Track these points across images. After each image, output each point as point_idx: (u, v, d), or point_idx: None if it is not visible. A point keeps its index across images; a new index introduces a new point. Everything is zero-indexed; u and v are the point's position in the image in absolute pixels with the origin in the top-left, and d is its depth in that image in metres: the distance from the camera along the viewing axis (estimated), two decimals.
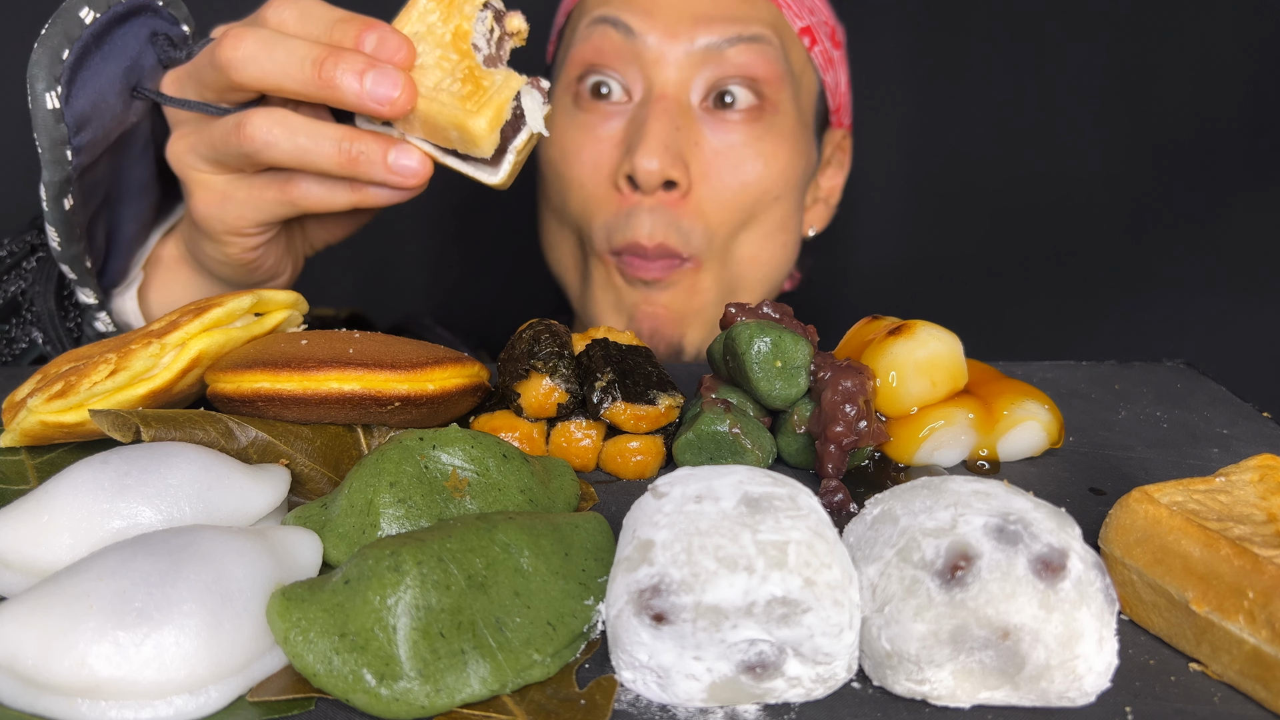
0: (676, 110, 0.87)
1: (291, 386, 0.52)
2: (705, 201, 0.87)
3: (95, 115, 0.63)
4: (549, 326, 0.61)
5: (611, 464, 0.58)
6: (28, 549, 0.45)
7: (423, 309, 1.31)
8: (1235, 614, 0.42)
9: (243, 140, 0.60)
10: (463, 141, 0.60)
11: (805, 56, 0.94)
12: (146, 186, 0.71)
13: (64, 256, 0.66)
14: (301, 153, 0.60)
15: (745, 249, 0.91)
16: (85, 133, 0.62)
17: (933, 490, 0.44)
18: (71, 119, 0.61)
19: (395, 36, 0.59)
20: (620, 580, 0.41)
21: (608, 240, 0.89)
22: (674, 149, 0.85)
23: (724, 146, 0.88)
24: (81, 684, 0.38)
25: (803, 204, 0.96)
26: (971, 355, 0.61)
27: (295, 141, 0.60)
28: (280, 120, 0.60)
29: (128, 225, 0.71)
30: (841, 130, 1.02)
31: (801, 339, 0.57)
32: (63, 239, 0.65)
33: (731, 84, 0.88)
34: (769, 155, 0.89)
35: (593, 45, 0.89)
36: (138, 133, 0.68)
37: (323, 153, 0.60)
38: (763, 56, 0.88)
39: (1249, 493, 0.48)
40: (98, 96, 0.63)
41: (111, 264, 0.72)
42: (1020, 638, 0.39)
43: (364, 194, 0.63)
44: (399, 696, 0.39)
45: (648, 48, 0.87)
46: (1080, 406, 0.68)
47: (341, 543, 0.48)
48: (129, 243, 0.72)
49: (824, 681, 0.41)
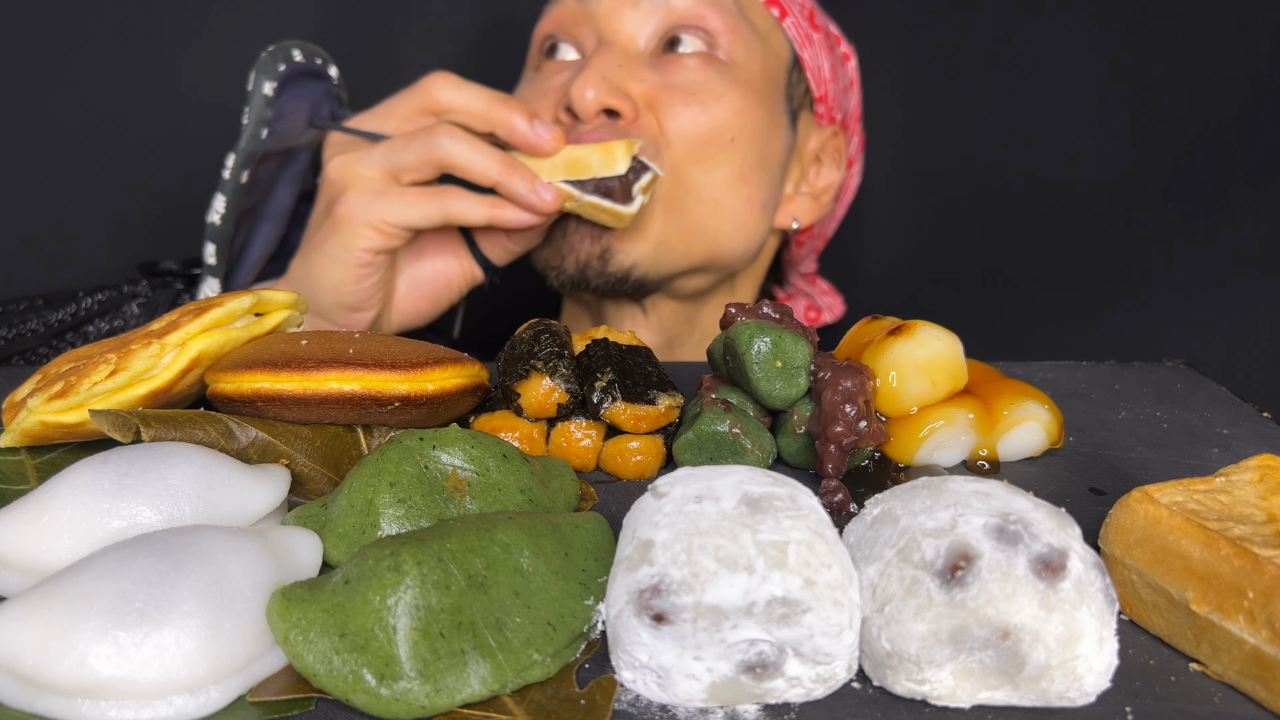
0: (621, 53, 0.86)
1: (291, 386, 0.52)
2: (653, 127, 0.86)
3: (288, 118, 0.80)
4: (549, 326, 0.61)
5: (611, 464, 0.58)
6: (28, 549, 0.45)
7: None
8: (1235, 614, 0.42)
9: (429, 139, 0.73)
10: (603, 163, 0.76)
11: (773, 23, 0.93)
12: (283, 215, 0.85)
13: (218, 233, 0.79)
14: (470, 160, 0.74)
15: (703, 190, 0.88)
16: (280, 124, 0.80)
17: (933, 490, 0.44)
18: (275, 110, 0.79)
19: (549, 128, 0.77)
20: (620, 580, 0.41)
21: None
22: (613, 80, 0.84)
23: (675, 81, 0.86)
24: (81, 684, 0.38)
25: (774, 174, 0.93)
26: (971, 355, 0.61)
27: (469, 149, 0.74)
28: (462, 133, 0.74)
29: (257, 246, 0.84)
30: (833, 128, 1.00)
31: (801, 339, 0.57)
32: (228, 210, 0.78)
33: (681, 32, 0.87)
34: (720, 94, 0.87)
35: (551, 18, 0.92)
36: (300, 156, 0.84)
37: (487, 162, 0.74)
38: (713, 7, 0.88)
39: (1249, 493, 0.48)
40: (292, 109, 0.80)
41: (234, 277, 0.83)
42: (1020, 638, 0.39)
43: (501, 211, 0.76)
44: (399, 696, 0.39)
45: (600, 6, 0.88)
46: (1080, 406, 0.68)
47: (341, 543, 0.48)
48: (253, 264, 0.84)
49: (824, 681, 0.41)
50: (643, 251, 0.87)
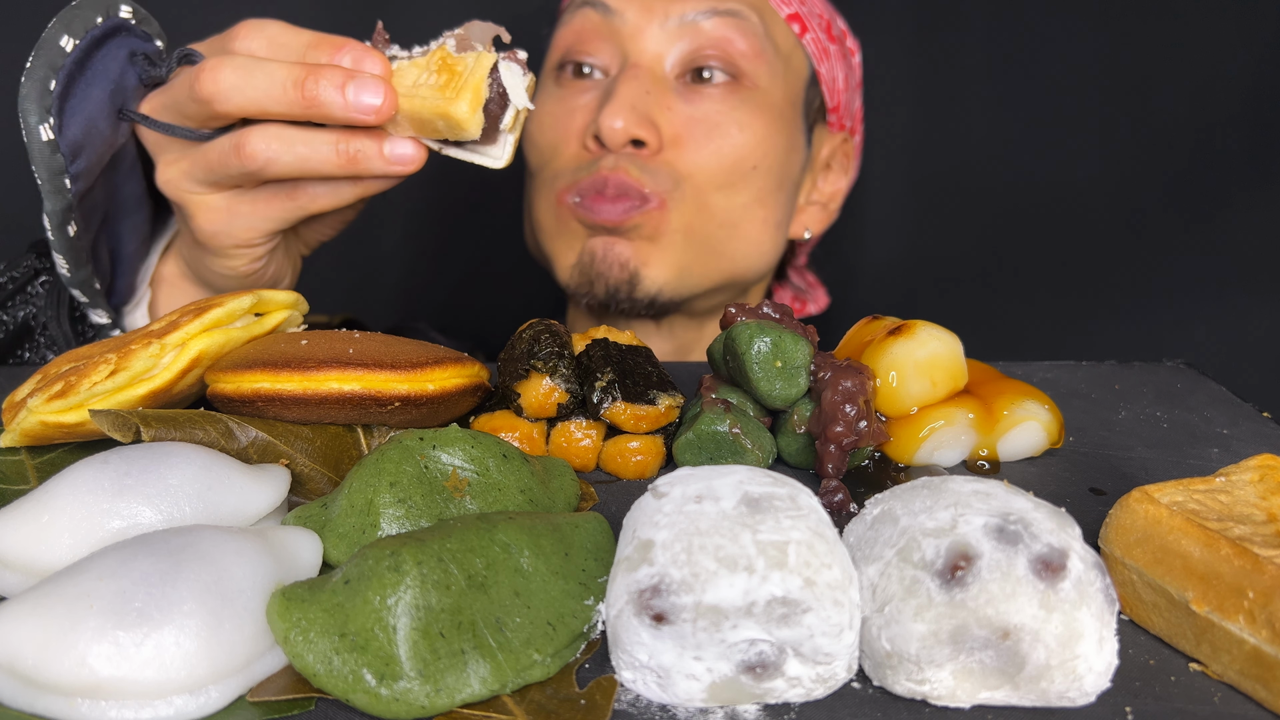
0: (649, 78, 0.87)
1: (291, 386, 0.52)
2: (677, 161, 0.87)
3: (88, 141, 0.64)
4: (549, 326, 0.61)
5: (611, 464, 0.58)
6: (28, 549, 0.45)
7: (416, 314, 1.30)
8: (1235, 614, 0.42)
9: (245, 160, 0.61)
10: (450, 129, 0.61)
11: (794, 41, 0.93)
12: (140, 200, 0.72)
13: (74, 282, 0.68)
14: (303, 162, 0.62)
15: (722, 214, 0.89)
16: (80, 159, 0.64)
17: (933, 490, 0.44)
18: (66, 147, 0.63)
19: (369, 54, 0.61)
20: (620, 580, 0.41)
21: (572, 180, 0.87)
22: (641, 109, 0.85)
23: (699, 114, 0.87)
24: (81, 684, 0.38)
25: (790, 192, 0.95)
26: (971, 355, 0.61)
27: (295, 152, 0.61)
28: (276, 135, 0.61)
29: (129, 241, 0.73)
30: (842, 134, 1.01)
31: (801, 339, 0.57)
32: (71, 265, 0.66)
33: (708, 61, 0.88)
34: (744, 124, 0.88)
35: (573, 29, 0.91)
36: (125, 150, 0.69)
37: (322, 158, 0.62)
38: (740, 30, 0.88)
39: (1249, 493, 0.48)
40: (88, 122, 0.64)
41: (118, 282, 0.73)
42: (1020, 638, 0.39)
43: (366, 185, 0.65)
44: (399, 696, 0.39)
45: (625, 24, 0.88)
46: (1080, 406, 0.68)
47: (341, 543, 0.48)
48: (132, 258, 0.73)
49: (824, 681, 0.41)
50: (668, 277, 0.89)
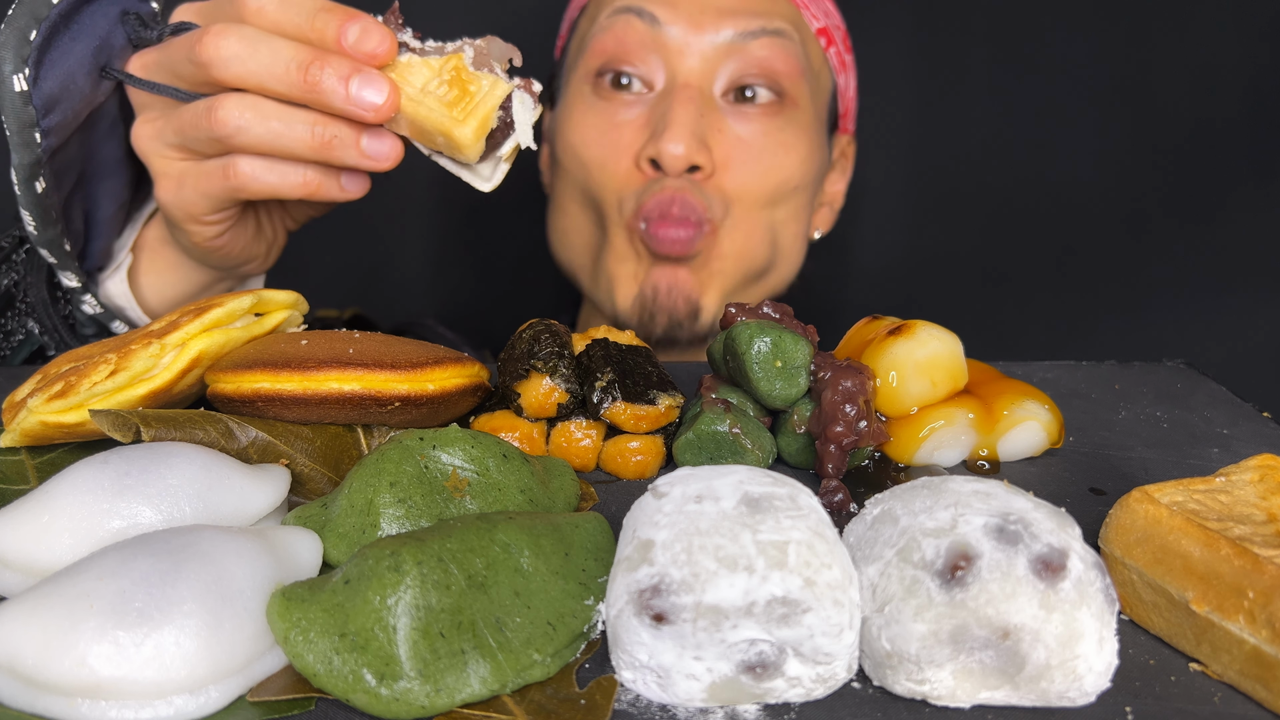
0: (700, 99, 0.87)
1: (291, 386, 0.52)
2: (727, 185, 0.88)
3: (64, 96, 0.62)
4: (549, 326, 0.61)
5: (611, 464, 0.58)
6: (28, 549, 0.45)
7: (425, 309, 1.31)
8: (1235, 614, 0.42)
9: (214, 124, 0.58)
10: (449, 147, 0.60)
11: (823, 56, 0.96)
12: (120, 163, 0.70)
13: (41, 240, 0.65)
14: (275, 137, 0.59)
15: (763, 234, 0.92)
16: (54, 114, 0.62)
17: (933, 490, 0.44)
18: (40, 101, 0.60)
19: (378, 29, 0.59)
20: (620, 580, 0.41)
21: (635, 204, 0.88)
22: (699, 134, 0.86)
23: (746, 135, 0.89)
24: (81, 684, 0.38)
25: (813, 202, 0.97)
26: (971, 355, 0.61)
27: (268, 126, 0.59)
28: (252, 105, 0.58)
29: (105, 204, 0.70)
30: (847, 136, 1.04)
31: (801, 339, 0.57)
32: (38, 222, 0.64)
33: (753, 80, 0.89)
34: (789, 146, 0.90)
35: (614, 35, 0.90)
36: (105, 110, 0.67)
37: (295, 137, 0.59)
38: (784, 51, 0.89)
39: (1249, 493, 0.48)
40: (66, 78, 0.61)
41: (93, 245, 0.71)
42: (1020, 638, 0.39)
43: (319, 185, 0.62)
44: (399, 696, 0.39)
45: (671, 38, 0.88)
46: (1080, 406, 0.68)
47: (341, 543, 0.48)
48: (108, 222, 0.71)
49: (824, 681, 0.41)
50: (719, 305, 0.91)
